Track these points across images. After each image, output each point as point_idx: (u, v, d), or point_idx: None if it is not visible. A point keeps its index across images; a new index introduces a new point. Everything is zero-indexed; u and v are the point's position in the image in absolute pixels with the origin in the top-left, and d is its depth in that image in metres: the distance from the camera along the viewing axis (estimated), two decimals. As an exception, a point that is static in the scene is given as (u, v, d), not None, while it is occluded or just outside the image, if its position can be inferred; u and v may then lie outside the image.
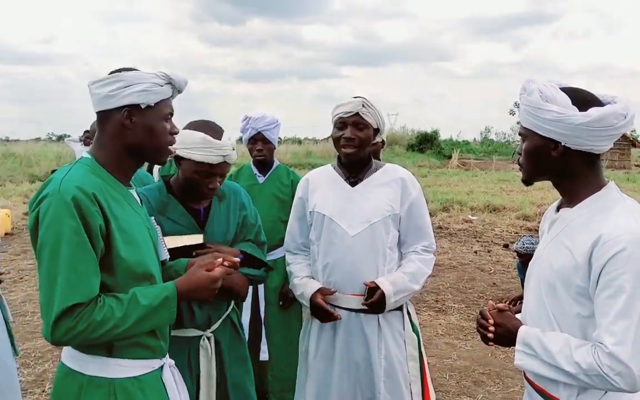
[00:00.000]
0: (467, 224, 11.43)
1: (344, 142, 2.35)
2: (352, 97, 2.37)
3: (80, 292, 1.46)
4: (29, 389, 4.01)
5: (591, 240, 1.46)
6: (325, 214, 2.40)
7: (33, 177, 18.66)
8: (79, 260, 1.47)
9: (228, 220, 2.30)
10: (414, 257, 2.41)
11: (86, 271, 1.48)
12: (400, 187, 2.41)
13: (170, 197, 2.22)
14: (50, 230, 1.47)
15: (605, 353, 1.41)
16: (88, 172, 1.58)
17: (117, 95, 1.60)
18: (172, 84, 1.70)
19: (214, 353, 2.25)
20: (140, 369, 1.65)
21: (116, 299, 1.54)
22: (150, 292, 1.60)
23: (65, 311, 1.45)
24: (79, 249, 1.47)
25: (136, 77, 1.62)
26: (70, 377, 1.60)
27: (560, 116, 1.49)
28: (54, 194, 1.48)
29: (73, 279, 1.46)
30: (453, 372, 4.42)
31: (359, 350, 2.37)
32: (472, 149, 43.29)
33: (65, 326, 1.46)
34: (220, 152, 2.08)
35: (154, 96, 1.64)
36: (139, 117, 1.63)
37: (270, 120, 3.35)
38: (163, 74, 1.67)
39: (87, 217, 1.48)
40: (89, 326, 1.47)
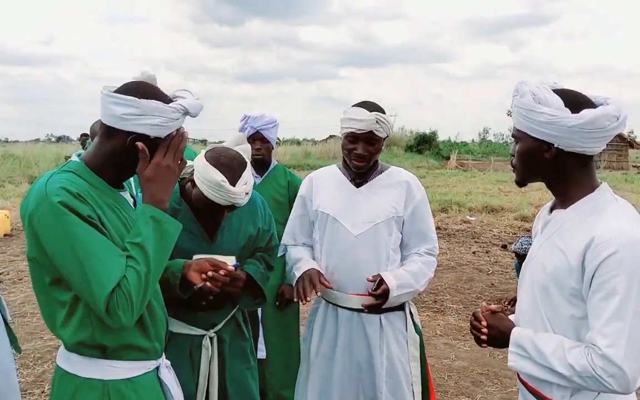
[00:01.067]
0: (465, 225, 11.45)
1: (356, 158, 2.34)
2: (364, 108, 2.32)
3: (115, 275, 1.45)
4: (28, 389, 4.01)
5: (584, 242, 1.46)
6: (329, 214, 2.41)
7: (32, 178, 18.60)
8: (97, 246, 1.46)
9: (239, 230, 2.29)
10: (416, 258, 2.42)
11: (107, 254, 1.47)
12: (405, 191, 2.42)
13: (182, 203, 2.21)
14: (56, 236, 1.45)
15: (599, 355, 1.41)
16: (72, 177, 1.55)
17: (130, 121, 1.55)
18: (188, 113, 1.65)
19: (216, 352, 2.26)
20: (134, 370, 1.64)
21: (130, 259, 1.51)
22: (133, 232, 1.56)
23: (106, 298, 1.44)
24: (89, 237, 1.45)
25: (155, 109, 1.55)
26: (65, 379, 1.61)
27: (553, 118, 1.50)
28: (42, 202, 1.46)
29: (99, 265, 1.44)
30: (452, 373, 4.43)
31: (360, 351, 2.38)
32: (471, 150, 43.32)
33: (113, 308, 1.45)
34: (230, 199, 2.02)
35: (166, 130, 1.59)
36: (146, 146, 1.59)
37: (268, 119, 3.36)
38: (182, 107, 1.61)
39: (80, 210, 1.46)
40: (129, 297, 1.46)
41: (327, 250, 2.42)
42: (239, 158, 2.11)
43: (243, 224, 2.31)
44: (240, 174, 2.06)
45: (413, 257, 2.42)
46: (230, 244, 2.25)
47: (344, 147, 2.39)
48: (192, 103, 1.64)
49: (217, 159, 2.06)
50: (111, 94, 1.56)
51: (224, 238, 2.25)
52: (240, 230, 2.29)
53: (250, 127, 3.34)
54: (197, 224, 2.21)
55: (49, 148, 29.18)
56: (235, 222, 2.29)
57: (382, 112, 2.34)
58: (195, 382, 2.24)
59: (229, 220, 2.26)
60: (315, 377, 2.46)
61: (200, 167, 2.05)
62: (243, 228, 2.30)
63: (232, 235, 2.27)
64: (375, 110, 2.32)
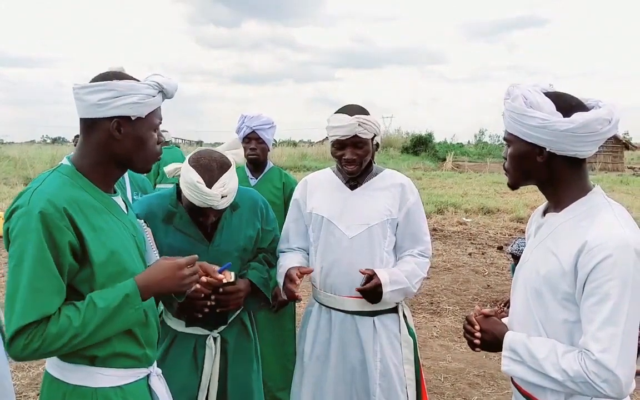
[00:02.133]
0: (461, 226, 11.46)
1: (345, 163, 2.35)
2: (344, 113, 2.31)
3: (35, 311, 1.42)
4: (23, 392, 3.99)
5: (577, 246, 1.46)
6: (324, 216, 2.41)
7: (27, 179, 18.53)
8: (39, 278, 1.43)
9: (240, 231, 2.29)
10: (410, 259, 2.41)
11: (44, 289, 1.44)
12: (399, 193, 2.42)
13: (179, 206, 2.21)
14: (15, 244, 1.45)
15: (592, 360, 1.41)
16: (63, 183, 1.54)
17: (108, 105, 1.54)
18: (163, 92, 1.65)
19: (219, 352, 2.26)
20: (124, 378, 1.63)
21: (74, 307, 1.49)
22: (108, 293, 1.53)
23: (20, 330, 1.42)
24: (40, 266, 1.43)
25: (129, 87, 1.55)
26: (54, 385, 1.59)
27: (544, 122, 1.49)
28: (23, 206, 1.46)
29: (29, 298, 1.42)
30: (448, 375, 4.43)
31: (354, 353, 2.38)
32: (467, 152, 43.43)
33: (21, 344, 1.42)
34: (205, 200, 2.02)
35: (146, 108, 1.59)
36: (129, 129, 1.59)
37: (265, 120, 3.37)
38: (155, 83, 1.61)
39: (54, 233, 1.44)
40: (44, 341, 1.43)
41: (322, 252, 2.42)
42: (220, 160, 2.09)
43: (243, 225, 2.31)
44: (218, 176, 2.04)
45: (406, 258, 2.42)
46: (228, 245, 2.25)
47: (333, 154, 2.40)
48: (165, 80, 1.64)
49: (197, 160, 2.06)
50: (84, 85, 1.56)
51: (222, 239, 2.24)
52: (240, 231, 2.29)
53: (246, 127, 3.36)
54: (194, 226, 2.20)
55: (44, 149, 29.06)
56: (235, 223, 2.28)
57: (364, 113, 2.33)
58: (198, 380, 2.24)
59: (228, 220, 2.26)
60: (309, 380, 2.47)
61: (183, 169, 2.07)
62: (243, 229, 2.30)
63: (231, 236, 2.26)
64: (358, 113, 2.31)
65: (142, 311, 1.58)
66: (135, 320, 1.58)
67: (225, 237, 2.25)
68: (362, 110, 2.34)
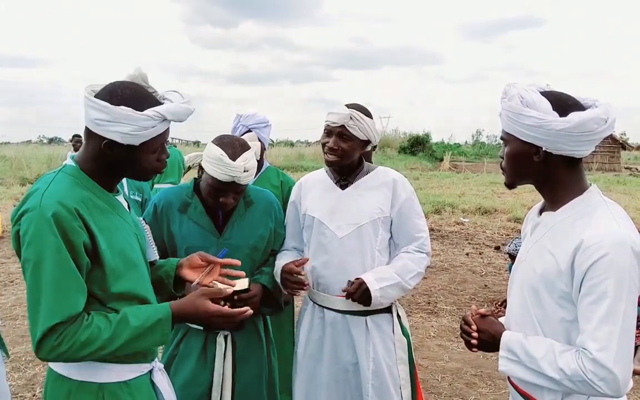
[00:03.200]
0: (458, 226, 11.47)
1: (327, 151, 2.37)
2: (345, 106, 2.35)
3: (63, 311, 1.44)
4: (19, 393, 3.98)
5: (573, 245, 1.46)
6: (315, 216, 2.42)
7: (24, 179, 18.51)
8: (62, 279, 1.45)
9: (252, 228, 2.32)
10: (403, 255, 2.40)
11: (69, 288, 1.46)
12: (391, 190, 2.41)
13: (194, 197, 2.28)
14: (31, 248, 1.45)
15: (589, 359, 1.41)
16: (71, 184, 1.55)
17: (102, 126, 1.54)
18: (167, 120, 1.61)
19: (230, 350, 2.27)
20: (130, 373, 1.64)
21: (105, 319, 1.51)
22: (143, 312, 1.57)
23: (48, 330, 1.44)
24: (61, 267, 1.44)
25: (124, 117, 1.52)
26: (59, 381, 1.60)
27: (541, 122, 1.50)
28: (34, 209, 1.46)
29: (55, 297, 1.44)
30: (445, 374, 4.43)
31: (346, 353, 2.38)
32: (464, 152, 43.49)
33: (49, 345, 1.45)
34: (229, 172, 2.09)
35: (138, 139, 1.56)
36: (121, 150, 1.58)
37: (261, 119, 3.37)
38: (157, 114, 1.57)
39: (69, 234, 1.46)
40: (72, 346, 1.46)
41: (314, 252, 2.42)
42: (242, 141, 2.21)
43: (255, 223, 2.34)
44: (240, 152, 2.13)
45: (401, 254, 2.41)
46: (239, 239, 2.27)
47: (321, 141, 2.43)
48: (174, 109, 1.61)
49: (220, 139, 2.19)
50: (89, 98, 1.56)
51: (233, 233, 2.27)
52: (252, 228, 2.32)
53: (242, 125, 3.36)
54: (207, 217, 2.26)
55: (41, 150, 28.99)
56: (248, 219, 2.32)
57: (364, 113, 2.35)
58: (208, 378, 2.25)
59: (241, 216, 2.30)
60: (302, 378, 2.47)
61: (207, 148, 2.16)
62: (255, 227, 2.33)
63: (243, 232, 2.29)
64: (357, 109, 2.33)
65: (168, 337, 1.62)
66: (160, 343, 1.63)
67: (237, 231, 2.28)
68: (361, 109, 2.36)
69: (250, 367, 2.34)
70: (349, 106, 2.35)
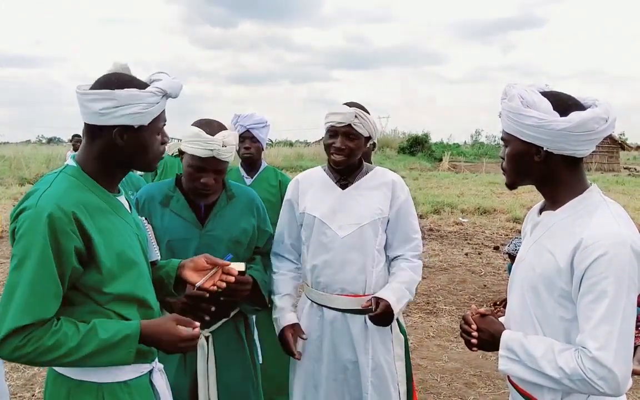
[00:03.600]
0: (457, 227, 11.48)
1: (334, 151, 2.36)
2: (345, 105, 2.36)
3: (33, 314, 1.42)
4: (18, 393, 3.98)
5: (573, 244, 1.47)
6: (316, 216, 2.42)
7: (23, 179, 18.49)
8: (40, 281, 1.43)
9: (234, 221, 2.32)
10: (405, 265, 2.42)
11: (44, 292, 1.44)
12: (390, 191, 2.43)
13: (176, 191, 2.31)
14: (20, 244, 1.44)
15: (589, 357, 1.41)
16: (71, 185, 1.54)
17: (109, 114, 1.53)
18: (167, 95, 1.64)
19: (213, 352, 2.25)
20: (129, 373, 1.63)
21: (75, 326, 1.49)
22: (112, 326, 1.53)
23: (15, 330, 1.41)
24: (42, 269, 1.43)
25: (131, 97, 1.53)
26: (58, 380, 1.59)
27: (542, 122, 1.50)
28: (31, 208, 1.45)
29: (29, 299, 1.42)
30: (444, 374, 4.44)
31: (346, 351, 2.39)
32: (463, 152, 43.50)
33: (13, 345, 1.42)
34: (208, 146, 2.13)
35: (148, 117, 1.58)
36: (131, 136, 1.58)
37: (259, 119, 3.38)
38: (159, 89, 1.59)
39: (60, 237, 1.44)
40: (36, 349, 1.43)
41: (314, 251, 2.42)
42: (220, 122, 2.25)
43: (237, 216, 2.34)
44: (219, 129, 2.19)
45: (400, 263, 2.43)
46: (221, 231, 2.27)
47: (325, 143, 2.42)
48: (169, 83, 1.63)
49: (198, 121, 2.24)
50: (86, 92, 1.55)
51: (215, 225, 2.27)
52: (234, 221, 2.32)
53: (240, 125, 3.36)
54: (189, 209, 2.27)
55: (40, 150, 28.94)
56: (229, 212, 2.32)
57: (364, 111, 2.37)
58: (188, 381, 2.23)
59: (223, 208, 2.31)
60: (301, 377, 2.48)
61: (185, 131, 2.21)
62: (237, 220, 2.33)
63: (225, 224, 2.29)
64: (358, 108, 2.36)
65: (132, 355, 1.56)
66: (124, 361, 1.57)
67: (219, 223, 2.28)
68: (362, 107, 2.39)
69: (234, 369, 2.33)
70: (349, 105, 2.37)
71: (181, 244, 2.22)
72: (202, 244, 2.21)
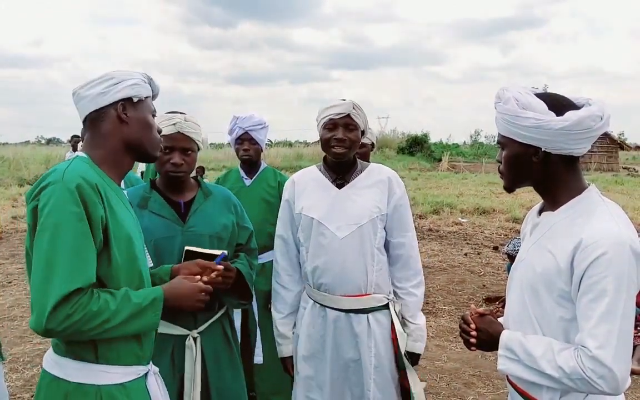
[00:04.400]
0: (457, 227, 11.48)
1: (335, 143, 2.36)
2: (340, 99, 2.38)
3: (83, 277, 1.45)
4: (17, 394, 3.98)
5: (572, 244, 1.47)
6: (314, 217, 2.41)
7: (22, 180, 18.50)
8: (81, 247, 1.46)
9: (213, 217, 2.34)
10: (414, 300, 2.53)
11: (87, 258, 1.47)
12: (387, 187, 2.43)
13: (153, 192, 2.34)
14: (51, 217, 1.45)
15: (588, 356, 1.42)
16: (88, 167, 1.60)
17: (110, 91, 1.65)
18: (150, 85, 1.78)
19: (200, 354, 2.24)
20: (127, 375, 1.63)
21: (109, 293, 1.54)
22: (140, 292, 1.61)
23: (65, 297, 1.42)
24: (81, 235, 1.46)
25: (125, 73, 1.69)
26: (55, 384, 1.58)
27: (539, 122, 1.50)
28: (57, 182, 1.48)
29: (75, 263, 1.44)
30: (443, 374, 4.44)
31: (349, 350, 2.39)
32: (462, 152, 43.51)
33: (64, 313, 1.42)
34: (170, 122, 2.24)
35: (143, 90, 1.72)
36: (133, 111, 1.69)
37: (257, 120, 3.38)
38: (144, 74, 1.76)
39: (90, 206, 1.49)
40: (85, 315, 1.45)
41: (313, 253, 2.42)
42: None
43: (217, 212, 2.36)
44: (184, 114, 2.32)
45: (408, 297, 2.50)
46: (202, 227, 2.29)
47: (323, 137, 2.40)
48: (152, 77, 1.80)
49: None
50: (84, 84, 1.68)
51: (196, 221, 2.30)
52: (213, 217, 2.34)
53: (239, 127, 3.37)
54: (168, 207, 2.30)
55: (39, 150, 28.95)
56: (208, 208, 2.35)
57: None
58: (176, 384, 2.21)
59: (201, 205, 2.35)
60: (304, 377, 2.47)
61: None
62: (217, 216, 2.35)
63: (205, 220, 2.31)
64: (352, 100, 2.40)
65: (159, 318, 1.64)
66: (151, 326, 1.64)
67: (199, 219, 2.30)
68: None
69: (224, 370, 2.32)
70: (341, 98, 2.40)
71: (165, 242, 2.22)
72: (185, 241, 2.21)
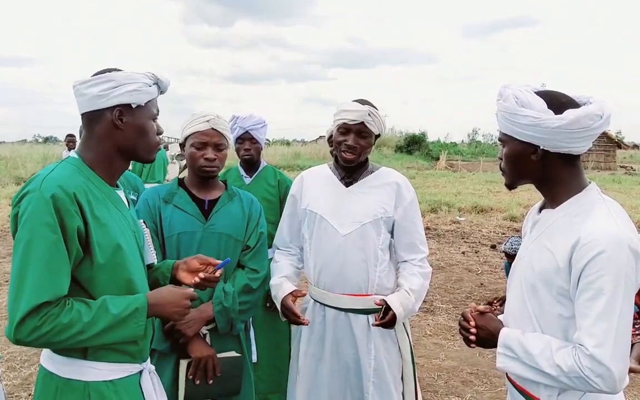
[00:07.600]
0: (454, 225, 11.49)
1: (346, 149, 2.35)
2: (357, 102, 2.36)
3: (51, 291, 1.44)
4: (14, 392, 3.97)
5: (571, 242, 1.47)
6: (318, 213, 2.41)
7: (19, 179, 18.44)
8: (52, 259, 1.45)
9: (235, 218, 2.36)
10: (417, 271, 2.40)
11: (58, 270, 1.46)
12: (394, 192, 2.42)
13: (180, 189, 2.38)
14: (26, 227, 1.45)
15: (586, 355, 1.42)
16: (73, 171, 1.57)
17: (108, 95, 1.60)
18: (158, 84, 1.72)
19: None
20: (117, 372, 1.63)
21: (85, 304, 1.51)
22: (121, 301, 1.56)
23: (33, 309, 1.42)
24: (52, 247, 1.45)
25: (127, 77, 1.62)
26: (47, 379, 1.60)
27: (537, 120, 1.51)
28: (34, 191, 1.47)
29: (44, 276, 1.43)
30: (441, 372, 4.44)
31: (348, 351, 2.38)
32: (460, 151, 43.62)
33: (31, 325, 1.43)
34: (204, 119, 2.28)
35: (144, 96, 1.65)
36: (130, 117, 1.65)
37: (257, 119, 3.37)
38: (151, 74, 1.69)
39: (65, 217, 1.47)
40: (54, 328, 1.45)
41: (315, 249, 2.42)
42: None
43: (239, 214, 2.38)
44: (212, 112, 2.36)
45: (413, 268, 2.41)
46: (223, 227, 2.31)
47: (335, 139, 2.41)
48: (161, 74, 1.72)
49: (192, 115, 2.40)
50: (85, 80, 1.62)
51: (218, 219, 2.32)
52: (235, 218, 2.36)
53: (239, 127, 3.36)
54: (192, 203, 2.33)
55: (36, 149, 28.91)
56: (230, 209, 2.37)
57: (375, 109, 2.38)
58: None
59: (225, 205, 2.36)
60: (304, 377, 2.47)
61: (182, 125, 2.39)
62: (238, 219, 2.37)
63: (226, 221, 2.33)
64: (368, 105, 2.36)
65: (142, 328, 1.60)
66: (133, 336, 1.60)
67: (221, 219, 2.33)
68: (372, 104, 2.40)
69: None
70: (362, 102, 2.37)
71: (186, 237, 2.28)
72: (205, 238, 2.28)
